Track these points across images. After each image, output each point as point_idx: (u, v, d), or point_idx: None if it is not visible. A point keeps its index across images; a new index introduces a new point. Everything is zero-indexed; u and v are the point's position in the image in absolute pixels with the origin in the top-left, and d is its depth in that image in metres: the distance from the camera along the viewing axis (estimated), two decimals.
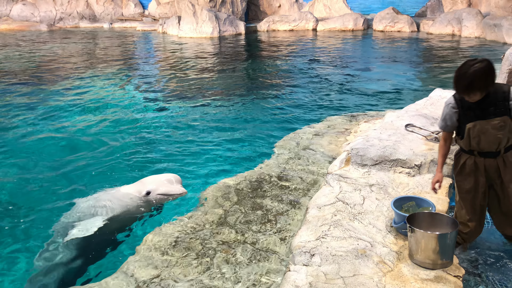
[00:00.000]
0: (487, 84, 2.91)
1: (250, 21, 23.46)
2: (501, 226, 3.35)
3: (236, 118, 8.26)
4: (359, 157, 4.53)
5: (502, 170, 3.13)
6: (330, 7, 23.65)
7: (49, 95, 10.05)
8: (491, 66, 2.89)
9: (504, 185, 3.17)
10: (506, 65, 6.01)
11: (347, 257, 3.10)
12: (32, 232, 4.53)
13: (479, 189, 3.21)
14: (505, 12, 17.03)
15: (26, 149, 6.82)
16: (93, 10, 25.88)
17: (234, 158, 6.34)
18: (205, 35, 19.96)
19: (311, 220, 3.61)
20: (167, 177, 4.78)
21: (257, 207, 4.40)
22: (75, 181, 5.65)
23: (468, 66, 2.88)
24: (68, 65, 13.92)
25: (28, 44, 18.54)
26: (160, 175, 4.91)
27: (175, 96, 10.00)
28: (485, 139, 3.05)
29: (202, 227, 4.10)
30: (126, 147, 6.80)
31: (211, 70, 13.07)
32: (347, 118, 7.31)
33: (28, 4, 25.49)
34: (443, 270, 2.97)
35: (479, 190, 3.21)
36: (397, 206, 3.44)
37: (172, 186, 4.67)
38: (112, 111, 8.84)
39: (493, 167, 3.14)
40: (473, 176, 3.19)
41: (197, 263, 3.58)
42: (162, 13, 24.91)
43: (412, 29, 19.97)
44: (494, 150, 3.10)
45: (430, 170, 4.30)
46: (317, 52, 15.80)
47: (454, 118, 3.15)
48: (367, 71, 12.40)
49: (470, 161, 3.18)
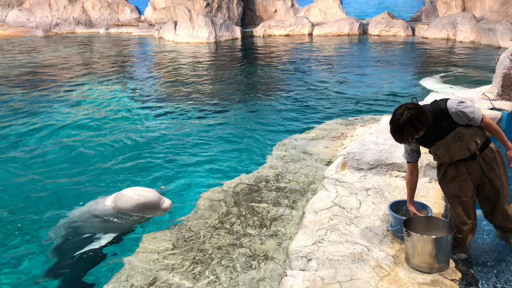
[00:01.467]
0: (421, 128, 2.94)
1: (246, 26, 23.53)
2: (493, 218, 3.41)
3: (232, 123, 8.26)
4: (355, 161, 4.54)
5: (486, 168, 3.20)
6: (325, 12, 23.77)
7: (44, 101, 10.02)
8: (417, 113, 2.90)
9: (492, 182, 3.24)
10: (500, 69, 6.04)
11: (343, 261, 3.10)
12: (27, 237, 4.50)
13: (467, 193, 3.25)
14: (499, 16, 17.16)
15: (21, 155, 6.79)
16: (89, 16, 25.89)
17: (230, 162, 6.34)
18: (201, 40, 20.00)
19: (308, 225, 3.61)
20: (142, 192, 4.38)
21: (254, 211, 4.39)
22: (67, 189, 5.60)
23: (397, 119, 2.92)
24: (64, 71, 13.90)
25: (24, 50, 18.50)
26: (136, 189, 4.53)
27: (171, 101, 10.00)
28: (453, 152, 3.14)
29: (198, 232, 4.08)
30: (121, 153, 6.78)
31: (207, 75, 13.08)
32: (343, 123, 7.32)
33: (24, 9, 25.47)
34: (440, 274, 2.97)
35: (467, 194, 3.25)
36: (393, 209, 3.45)
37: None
38: (107, 117, 8.82)
39: (477, 168, 3.21)
40: (457, 181, 3.25)
41: (193, 268, 3.57)
42: (158, 18, 24.95)
43: (407, 33, 20.09)
44: (468, 155, 3.16)
45: (426, 174, 4.31)
46: (313, 56, 15.85)
47: (414, 147, 3.23)
48: (363, 76, 12.44)
49: (451, 169, 3.26)
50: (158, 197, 4.36)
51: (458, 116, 3.04)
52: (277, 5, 24.43)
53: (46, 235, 4.51)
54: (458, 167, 3.22)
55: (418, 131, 2.95)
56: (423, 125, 2.94)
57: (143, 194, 4.34)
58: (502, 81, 6.02)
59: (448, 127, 3.08)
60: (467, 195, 3.24)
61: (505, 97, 6.01)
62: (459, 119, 3.05)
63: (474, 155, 3.16)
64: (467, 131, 3.09)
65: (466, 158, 3.17)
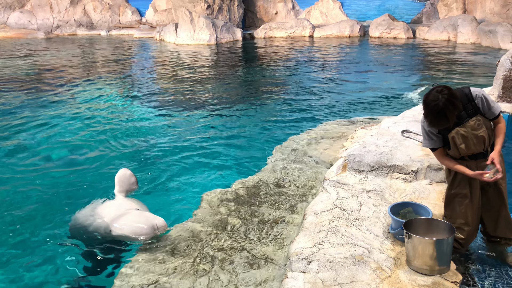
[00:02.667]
0: (459, 106, 2.98)
1: (247, 28, 23.55)
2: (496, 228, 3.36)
3: (232, 125, 8.27)
4: (356, 163, 4.54)
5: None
6: (326, 14, 23.78)
7: (45, 102, 10.03)
8: (451, 92, 2.96)
9: (497, 185, 3.23)
10: (501, 71, 6.04)
11: (344, 263, 3.10)
12: (30, 243, 4.51)
13: (476, 193, 3.23)
14: (500, 18, 17.16)
15: (23, 157, 6.80)
16: (90, 18, 25.93)
17: (231, 165, 6.34)
18: (202, 42, 20.01)
19: (309, 227, 3.61)
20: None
21: (254, 214, 4.39)
22: (67, 190, 5.60)
23: (434, 104, 2.93)
24: (65, 73, 13.92)
25: (25, 51, 18.54)
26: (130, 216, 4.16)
27: (172, 103, 10.01)
28: (470, 141, 3.12)
29: (198, 234, 4.08)
30: (122, 154, 6.79)
31: (208, 77, 13.09)
32: (344, 124, 7.32)
33: (26, 12, 25.53)
34: (441, 276, 2.97)
35: (476, 194, 3.23)
36: (394, 212, 3.44)
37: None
38: (108, 118, 8.83)
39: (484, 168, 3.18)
40: (467, 181, 3.23)
41: (194, 270, 3.57)
42: (159, 20, 24.99)
43: (408, 35, 20.09)
44: (482, 151, 3.16)
45: (426, 176, 4.31)
46: (314, 58, 15.86)
47: (435, 132, 3.21)
48: (363, 77, 12.44)
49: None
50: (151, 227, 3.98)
51: (481, 101, 3.08)
52: (278, 7, 24.45)
53: (46, 235, 4.51)
54: (469, 166, 3.19)
55: (457, 109, 2.97)
56: (459, 103, 2.96)
57: (133, 230, 4.00)
58: (503, 83, 6.02)
59: (470, 113, 3.09)
60: (476, 196, 3.23)
61: (506, 99, 6.01)
62: (480, 105, 3.08)
63: (486, 153, 3.16)
64: (485, 122, 3.12)
65: (478, 155, 3.16)
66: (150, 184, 5.71)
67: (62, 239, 4.45)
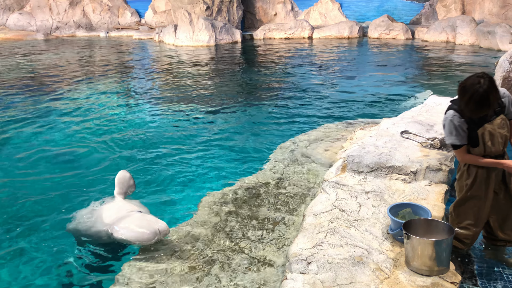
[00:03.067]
0: (499, 97, 2.99)
1: (246, 29, 23.56)
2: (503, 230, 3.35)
3: (232, 126, 8.27)
4: (355, 164, 4.54)
5: (508, 173, 3.19)
6: (325, 15, 23.80)
7: (45, 104, 10.03)
8: (491, 77, 2.95)
9: (508, 189, 3.22)
10: (500, 72, 6.06)
11: (343, 264, 3.10)
12: (27, 245, 4.50)
13: (490, 195, 3.23)
14: (499, 19, 17.19)
15: (21, 158, 6.80)
16: (89, 19, 25.94)
17: (230, 166, 6.34)
18: (201, 43, 20.02)
19: (308, 228, 3.61)
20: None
21: (254, 215, 4.39)
22: (67, 190, 5.60)
23: (477, 89, 2.86)
24: (64, 74, 13.92)
25: (24, 53, 18.53)
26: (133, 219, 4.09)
27: (171, 104, 10.01)
28: (496, 140, 3.10)
29: (198, 236, 4.08)
30: (121, 156, 6.79)
31: (207, 78, 13.09)
32: (343, 125, 7.33)
33: (25, 13, 25.53)
34: (440, 277, 2.97)
35: (490, 196, 3.23)
36: (393, 213, 3.45)
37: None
38: (107, 119, 8.83)
39: (500, 172, 3.20)
40: (484, 183, 3.21)
41: (193, 272, 3.57)
42: (159, 21, 25.00)
43: (407, 36, 20.11)
44: (501, 152, 3.16)
45: (426, 176, 4.31)
46: (313, 60, 15.87)
47: (464, 127, 3.10)
48: (362, 78, 12.45)
49: (482, 170, 3.19)
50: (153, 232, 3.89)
51: (507, 100, 3.08)
52: (277, 8, 24.47)
53: (46, 235, 4.51)
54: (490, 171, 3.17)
55: (498, 96, 2.96)
56: (498, 91, 2.96)
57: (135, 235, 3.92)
58: (501, 84, 6.04)
59: (497, 111, 3.08)
60: (489, 198, 3.23)
61: None
62: (507, 103, 3.09)
63: (502, 155, 3.15)
64: (507, 122, 3.12)
65: (498, 157, 3.14)
66: (149, 185, 5.71)
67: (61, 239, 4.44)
